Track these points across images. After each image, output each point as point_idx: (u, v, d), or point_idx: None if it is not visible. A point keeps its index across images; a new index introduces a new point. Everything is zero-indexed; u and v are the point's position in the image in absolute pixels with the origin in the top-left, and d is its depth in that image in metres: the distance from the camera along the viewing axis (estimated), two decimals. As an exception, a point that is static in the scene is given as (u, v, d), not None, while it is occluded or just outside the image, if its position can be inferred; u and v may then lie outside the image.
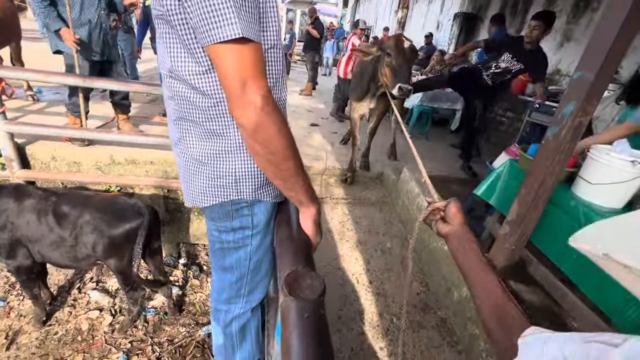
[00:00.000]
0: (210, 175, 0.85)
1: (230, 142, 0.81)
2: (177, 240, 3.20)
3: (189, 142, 0.83)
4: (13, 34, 3.28)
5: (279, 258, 0.75)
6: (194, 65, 0.71)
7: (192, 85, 0.74)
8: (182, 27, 0.66)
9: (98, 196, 2.15)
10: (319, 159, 3.37)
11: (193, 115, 0.79)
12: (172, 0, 0.63)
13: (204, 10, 0.59)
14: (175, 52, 0.71)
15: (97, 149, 2.79)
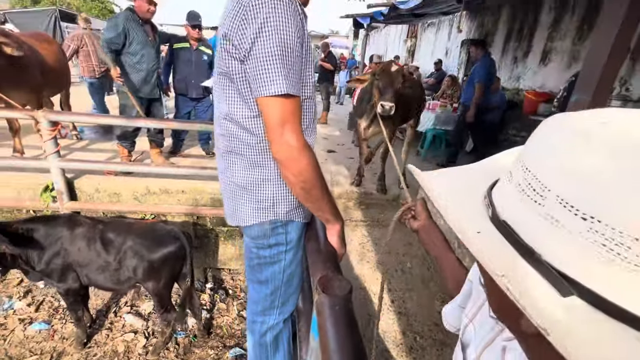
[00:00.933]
0: (252, 199, 1.01)
1: (269, 172, 0.98)
2: (204, 265, 3.36)
3: (235, 171, 1.01)
4: (65, 81, 3.82)
5: (312, 266, 0.89)
6: (247, 111, 0.91)
7: (243, 126, 0.94)
8: (240, 82, 0.87)
9: (138, 224, 2.37)
10: (337, 184, 3.53)
11: (240, 149, 0.97)
12: (236, 62, 0.85)
13: (260, 70, 0.79)
14: (232, 100, 0.92)
15: (134, 180, 3.06)
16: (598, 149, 0.27)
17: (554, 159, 0.29)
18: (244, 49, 0.81)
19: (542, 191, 0.29)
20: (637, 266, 0.24)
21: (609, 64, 1.45)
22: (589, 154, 0.27)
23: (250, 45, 0.80)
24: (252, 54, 0.80)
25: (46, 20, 12.59)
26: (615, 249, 0.25)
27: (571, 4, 4.53)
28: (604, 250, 0.25)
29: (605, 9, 1.50)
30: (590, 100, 1.50)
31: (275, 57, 0.79)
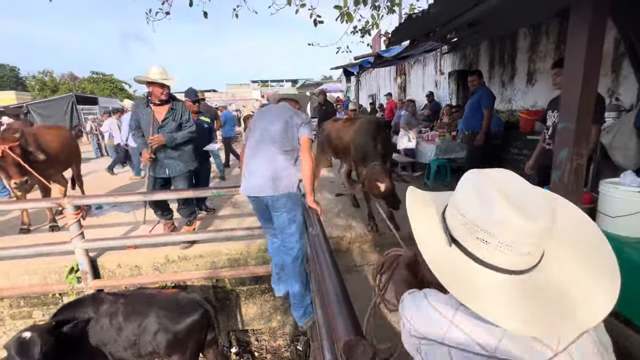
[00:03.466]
0: (282, 183, 2.16)
1: (292, 169, 2.22)
2: (227, 328, 3.31)
3: (273, 170, 2.16)
4: (73, 157, 4.15)
5: (334, 332, 0.92)
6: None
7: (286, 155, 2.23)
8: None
9: (160, 294, 2.41)
10: (350, 228, 3.56)
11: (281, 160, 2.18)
12: (292, 131, 2.21)
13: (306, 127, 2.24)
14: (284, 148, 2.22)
15: (153, 251, 3.15)
16: (470, 193, 0.58)
17: (460, 199, 0.60)
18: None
19: (458, 212, 0.60)
20: (477, 239, 0.55)
21: (584, 92, 1.55)
22: (467, 197, 0.59)
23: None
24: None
25: (65, 106, 13.76)
26: (471, 232, 0.56)
27: (544, 29, 4.83)
28: (466, 230, 0.57)
29: (569, 43, 1.64)
30: (575, 126, 1.58)
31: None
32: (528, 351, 0.51)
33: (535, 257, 0.55)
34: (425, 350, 0.60)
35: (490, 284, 0.54)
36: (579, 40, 1.54)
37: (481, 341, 0.53)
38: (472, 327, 0.54)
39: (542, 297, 0.52)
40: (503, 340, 0.52)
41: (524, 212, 0.51)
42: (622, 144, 2.83)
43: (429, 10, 2.54)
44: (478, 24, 3.31)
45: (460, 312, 0.56)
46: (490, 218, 0.53)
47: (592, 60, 1.53)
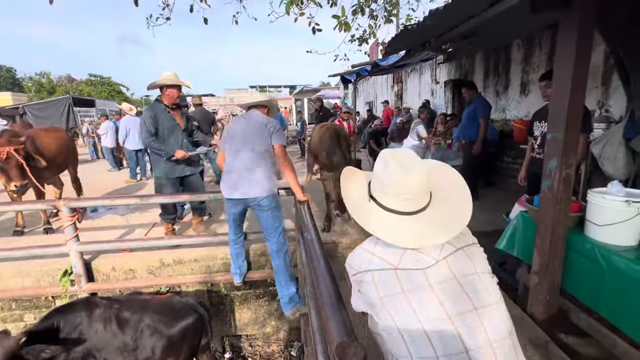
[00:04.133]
0: (267, 185, 2.38)
1: (272, 172, 2.43)
2: (221, 333, 3.30)
3: (257, 174, 2.36)
4: (70, 159, 4.19)
5: (326, 323, 0.95)
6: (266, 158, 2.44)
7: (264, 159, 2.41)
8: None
9: (155, 299, 2.41)
10: (345, 234, 3.58)
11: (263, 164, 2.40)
12: (266, 138, 2.40)
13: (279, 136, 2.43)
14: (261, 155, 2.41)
15: (148, 255, 3.15)
16: (380, 162, 0.85)
17: (375, 167, 0.88)
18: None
19: (374, 176, 0.89)
20: (381, 192, 0.84)
21: (572, 103, 1.61)
22: (378, 165, 0.86)
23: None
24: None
25: (61, 108, 13.71)
26: (380, 190, 0.85)
27: (537, 42, 4.94)
28: (379, 189, 0.85)
29: (557, 56, 1.70)
30: (563, 137, 1.63)
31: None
32: (419, 261, 0.79)
33: (418, 203, 0.82)
34: (359, 280, 0.84)
35: (389, 220, 0.82)
36: (567, 54, 1.60)
37: (389, 260, 0.81)
38: (384, 252, 0.82)
39: (423, 224, 0.81)
40: (403, 257, 0.80)
41: (406, 171, 0.80)
42: (611, 154, 2.90)
43: (424, 22, 2.61)
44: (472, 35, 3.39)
45: (378, 246, 0.84)
46: (387, 176, 0.82)
47: (579, 73, 1.59)
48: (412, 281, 0.77)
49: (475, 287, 0.77)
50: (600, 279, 1.61)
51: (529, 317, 1.88)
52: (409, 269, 0.78)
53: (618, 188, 1.69)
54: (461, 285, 0.77)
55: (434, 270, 0.78)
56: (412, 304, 0.75)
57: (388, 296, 0.77)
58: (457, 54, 5.87)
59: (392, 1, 4.66)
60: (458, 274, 0.78)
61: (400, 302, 0.76)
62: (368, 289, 0.81)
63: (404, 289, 0.77)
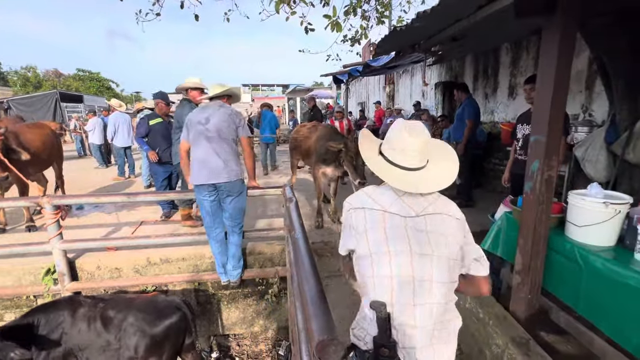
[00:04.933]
0: (236, 169, 2.60)
1: (237, 160, 2.65)
2: (208, 333, 3.27)
3: (227, 159, 2.55)
4: (55, 155, 4.11)
5: (309, 321, 0.95)
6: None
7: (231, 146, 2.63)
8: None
9: (139, 298, 2.38)
10: (332, 234, 3.59)
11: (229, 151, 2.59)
12: (233, 127, 2.62)
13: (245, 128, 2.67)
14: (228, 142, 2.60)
15: (135, 253, 3.10)
16: (396, 127, 1.05)
17: (388, 132, 1.08)
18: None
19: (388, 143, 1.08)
20: (389, 148, 1.05)
21: (553, 107, 1.64)
22: (390, 130, 1.08)
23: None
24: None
25: (48, 103, 13.39)
26: (389, 147, 1.06)
27: (524, 45, 5.04)
28: (389, 149, 1.05)
29: (540, 61, 1.74)
30: (546, 139, 1.67)
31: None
32: (403, 210, 1.00)
33: (420, 161, 1.02)
34: (352, 214, 1.05)
35: (393, 172, 1.02)
36: (550, 58, 1.64)
37: (381, 203, 1.02)
38: (378, 197, 1.04)
39: (418, 177, 1.01)
40: (392, 204, 1.01)
41: (413, 134, 0.99)
42: (593, 157, 2.98)
43: (412, 24, 2.64)
44: (461, 38, 3.44)
45: (375, 193, 1.06)
46: (397, 136, 1.02)
47: (561, 78, 1.63)
48: (393, 222, 0.99)
49: (437, 242, 0.97)
50: (578, 278, 1.65)
51: (511, 316, 1.91)
52: (394, 213, 1.00)
53: (597, 190, 1.73)
54: (429, 237, 0.97)
55: (413, 220, 0.99)
56: (388, 237, 0.97)
57: (372, 228, 0.99)
58: (448, 56, 5.94)
59: (384, 2, 4.69)
60: (429, 230, 0.99)
61: (379, 233, 0.98)
62: (358, 221, 1.03)
63: (385, 227, 0.99)
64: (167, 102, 4.18)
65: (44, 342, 2.02)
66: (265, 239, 3.25)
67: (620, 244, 1.67)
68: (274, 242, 3.24)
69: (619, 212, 1.60)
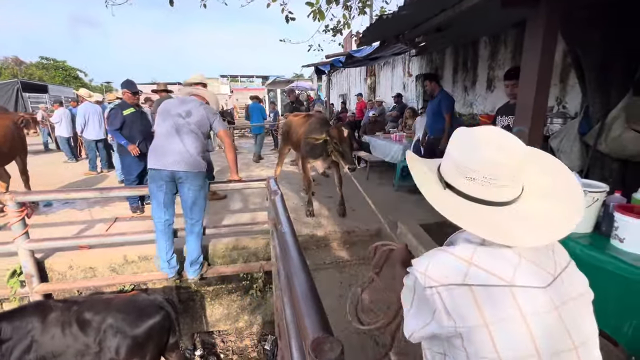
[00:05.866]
0: (200, 163, 2.55)
1: (202, 154, 2.60)
2: (191, 330, 3.19)
3: (193, 150, 2.51)
4: (18, 149, 3.84)
5: (301, 319, 0.92)
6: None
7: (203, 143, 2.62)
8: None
9: (118, 298, 2.26)
10: (319, 226, 3.57)
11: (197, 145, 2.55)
12: (208, 124, 2.63)
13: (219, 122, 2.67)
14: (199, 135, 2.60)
15: (110, 251, 2.95)
16: (460, 141, 0.69)
17: (453, 149, 0.70)
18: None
19: (450, 159, 0.70)
20: (466, 178, 0.66)
21: (537, 100, 1.67)
22: (457, 145, 0.69)
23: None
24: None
25: (8, 93, 12.47)
26: (461, 174, 0.67)
27: (502, 39, 5.15)
28: (457, 172, 0.68)
29: (524, 54, 1.76)
30: (529, 130, 1.69)
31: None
32: (539, 277, 0.63)
33: (515, 191, 0.66)
34: (445, 295, 0.63)
35: (479, 212, 0.65)
36: (534, 51, 1.66)
37: (500, 274, 0.62)
38: (490, 263, 0.63)
39: (523, 220, 0.64)
40: (518, 270, 0.62)
41: (503, 150, 0.63)
42: (567, 148, 3.09)
43: (399, 12, 2.61)
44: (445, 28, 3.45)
45: (477, 253, 0.65)
46: (476, 156, 0.64)
47: (544, 69, 1.66)
48: (535, 304, 0.60)
49: (588, 312, 0.67)
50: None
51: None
52: (527, 287, 0.61)
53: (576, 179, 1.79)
54: (579, 310, 0.65)
55: (556, 289, 0.63)
56: (534, 332, 0.59)
57: (501, 320, 0.59)
58: (429, 48, 5.98)
59: (366, -8, 4.63)
60: (575, 296, 0.65)
61: (516, 327, 0.59)
62: (462, 308, 0.61)
63: (524, 313, 0.59)
64: (133, 91, 3.93)
65: (10, 353, 1.88)
66: (249, 233, 3.18)
67: (597, 230, 1.73)
68: (258, 236, 3.17)
69: (596, 199, 1.65)
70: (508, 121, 3.00)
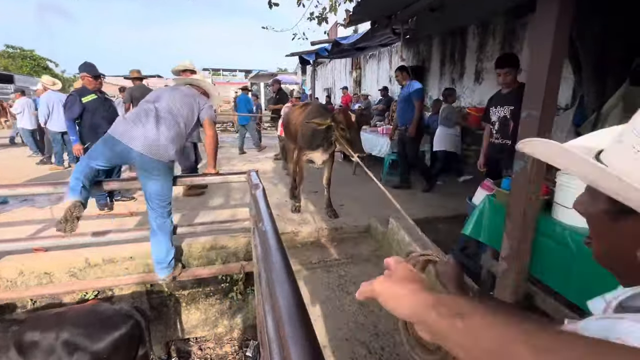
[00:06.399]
0: (170, 153, 2.25)
1: (176, 146, 2.31)
2: (165, 339, 2.91)
3: (168, 140, 2.24)
4: None
5: (286, 343, 0.70)
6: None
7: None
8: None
9: (73, 310, 1.97)
10: (305, 223, 3.34)
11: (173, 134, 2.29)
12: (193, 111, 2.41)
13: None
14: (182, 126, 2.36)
15: (69, 254, 2.62)
16: None
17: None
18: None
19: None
20: None
21: (549, 80, 1.50)
22: None
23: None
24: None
25: (-34, 83, 11.51)
26: None
27: (491, 30, 5.05)
28: None
29: (536, 30, 1.58)
30: (540, 115, 1.52)
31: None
32: None
33: None
34: None
35: None
36: (547, 24, 1.49)
37: None
38: None
39: None
40: None
41: None
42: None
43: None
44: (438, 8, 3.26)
45: None
46: None
47: (558, 47, 1.49)
48: None
49: None
50: (569, 263, 1.56)
51: (497, 304, 1.81)
52: None
53: (585, 169, 1.64)
54: None
55: None
56: None
57: None
58: (419, 32, 5.79)
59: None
60: None
61: None
62: None
63: None
64: (94, 74, 3.44)
65: None
66: (229, 232, 2.91)
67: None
68: (238, 234, 2.92)
69: (611, 191, 1.51)
70: (504, 112, 2.86)
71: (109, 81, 12.16)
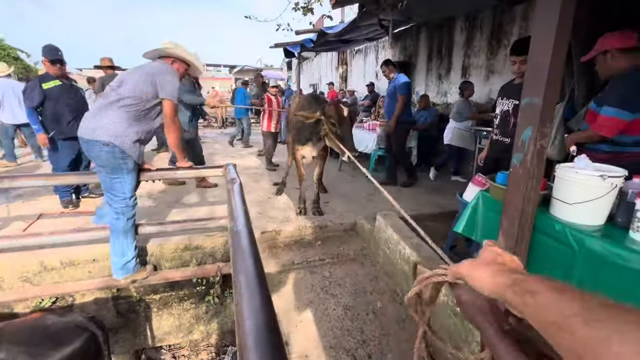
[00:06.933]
0: (111, 131, 1.99)
1: (127, 130, 2.05)
2: (134, 347, 2.68)
3: (107, 116, 2.01)
4: None
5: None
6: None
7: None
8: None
9: (12, 325, 1.71)
10: (287, 221, 3.16)
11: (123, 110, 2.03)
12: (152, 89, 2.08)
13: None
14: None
15: (22, 257, 2.34)
16: None
17: None
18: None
19: None
20: None
21: (553, 64, 1.37)
22: None
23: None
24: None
25: None
26: None
27: (479, 25, 4.98)
28: None
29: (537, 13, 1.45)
30: (542, 102, 1.40)
31: None
32: None
33: None
34: None
35: None
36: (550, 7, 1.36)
37: None
38: None
39: None
40: None
41: None
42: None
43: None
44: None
45: None
46: None
47: (562, 31, 1.36)
48: None
49: None
50: (571, 262, 1.45)
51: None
52: None
53: (586, 162, 1.53)
54: None
55: None
56: None
57: None
58: (405, 23, 5.67)
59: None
60: None
61: None
62: None
63: None
64: (53, 59, 3.06)
65: None
66: (205, 230, 2.70)
67: (610, 222, 1.50)
68: (215, 233, 2.71)
69: (615, 186, 1.40)
70: (508, 105, 2.64)
71: (86, 73, 11.49)
